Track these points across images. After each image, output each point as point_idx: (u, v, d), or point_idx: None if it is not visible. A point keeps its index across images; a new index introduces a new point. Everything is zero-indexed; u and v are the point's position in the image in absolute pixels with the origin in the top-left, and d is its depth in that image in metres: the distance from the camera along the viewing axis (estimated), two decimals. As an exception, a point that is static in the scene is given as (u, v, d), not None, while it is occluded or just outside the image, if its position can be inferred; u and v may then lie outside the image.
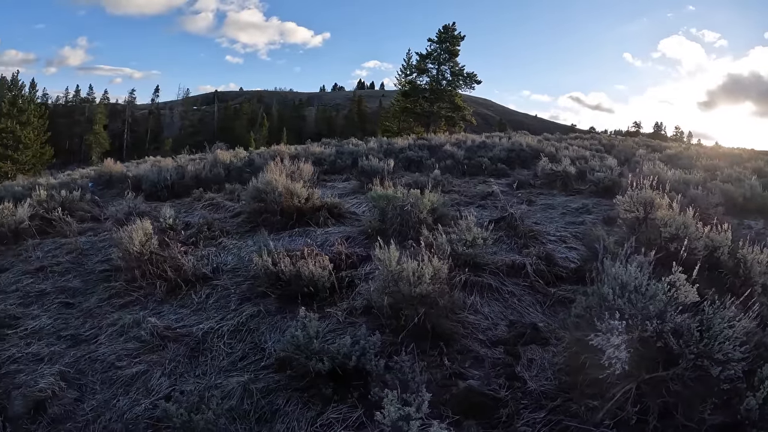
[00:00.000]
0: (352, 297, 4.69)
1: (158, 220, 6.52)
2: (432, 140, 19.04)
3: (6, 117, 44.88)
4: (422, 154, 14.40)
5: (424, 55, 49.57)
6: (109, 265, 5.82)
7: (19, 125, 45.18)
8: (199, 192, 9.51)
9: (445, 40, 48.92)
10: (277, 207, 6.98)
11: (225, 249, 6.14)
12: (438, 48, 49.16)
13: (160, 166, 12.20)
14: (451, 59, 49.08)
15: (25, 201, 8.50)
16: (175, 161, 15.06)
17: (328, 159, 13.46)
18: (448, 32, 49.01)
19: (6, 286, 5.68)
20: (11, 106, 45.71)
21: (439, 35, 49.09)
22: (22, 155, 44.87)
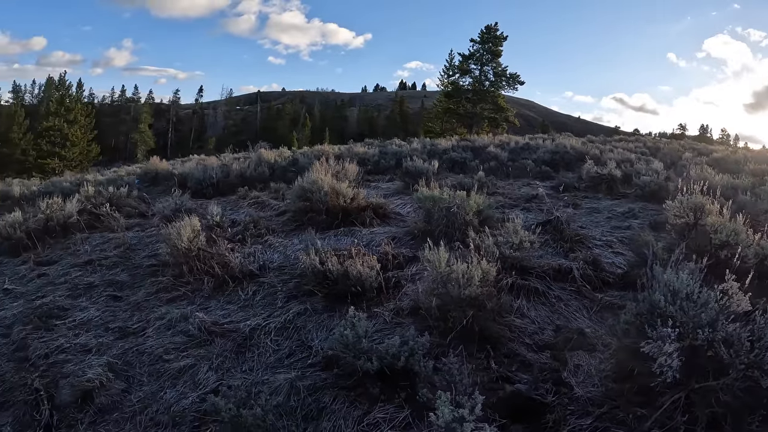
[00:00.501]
0: (398, 297, 4.70)
1: (205, 217, 6.65)
2: (475, 142, 19.01)
3: (54, 115, 46.73)
4: (466, 155, 14.40)
5: (466, 55, 49.56)
6: (156, 260, 5.98)
7: (67, 123, 46.94)
8: (245, 190, 9.67)
9: (487, 41, 48.80)
10: (322, 206, 7.04)
11: (271, 247, 6.22)
12: (481, 48, 49.06)
13: (206, 165, 12.45)
14: (493, 60, 48.92)
15: (74, 196, 8.78)
16: (220, 160, 15.35)
17: (372, 159, 13.51)
18: (491, 33, 48.85)
19: (55, 278, 5.88)
20: (59, 105, 47.54)
21: (481, 36, 48.96)
22: (69, 152, 46.60)
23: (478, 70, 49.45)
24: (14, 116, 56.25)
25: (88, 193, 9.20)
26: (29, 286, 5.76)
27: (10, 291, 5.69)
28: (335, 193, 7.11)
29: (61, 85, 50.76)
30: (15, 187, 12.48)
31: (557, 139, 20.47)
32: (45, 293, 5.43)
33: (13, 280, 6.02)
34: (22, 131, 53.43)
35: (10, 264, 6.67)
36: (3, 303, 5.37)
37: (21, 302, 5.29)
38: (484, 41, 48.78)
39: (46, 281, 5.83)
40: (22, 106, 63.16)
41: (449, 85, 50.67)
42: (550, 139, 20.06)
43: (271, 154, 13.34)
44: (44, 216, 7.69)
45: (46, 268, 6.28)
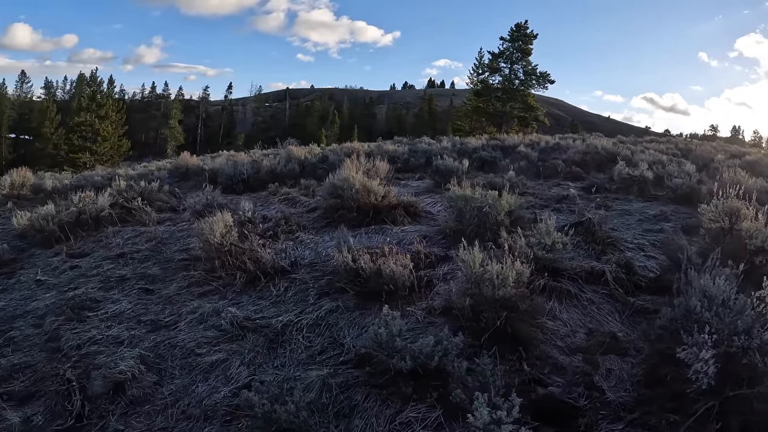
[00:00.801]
0: (430, 297, 4.68)
1: (237, 213, 6.69)
2: (505, 141, 18.87)
3: (85, 111, 47.77)
4: (495, 154, 14.28)
5: (496, 53, 48.96)
6: (187, 254, 6.03)
7: (98, 119, 47.91)
8: (275, 186, 9.72)
9: (517, 39, 48.15)
10: (353, 204, 7.03)
11: (302, 243, 6.24)
12: (510, 47, 48.45)
13: (236, 161, 12.56)
14: (523, 58, 48.27)
15: (105, 190, 8.93)
16: (250, 156, 15.50)
17: (402, 157, 13.47)
18: (521, 30, 48.23)
19: (87, 270, 5.97)
20: (90, 100, 48.56)
21: (511, 34, 48.40)
22: (101, 147, 47.54)
23: (508, 68, 48.88)
24: (46, 111, 57.70)
25: (120, 187, 9.33)
26: (61, 277, 5.87)
27: (43, 282, 5.80)
28: (366, 190, 7.10)
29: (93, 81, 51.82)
30: (47, 180, 12.71)
31: (587, 139, 20.12)
32: (77, 285, 5.53)
33: (46, 271, 6.13)
34: (53, 126, 54.74)
35: (43, 256, 6.79)
36: (35, 294, 5.48)
37: (53, 293, 5.39)
38: (514, 39, 48.20)
39: (78, 273, 5.92)
40: (53, 102, 64.76)
41: (479, 83, 50.21)
42: (580, 139, 19.71)
43: (301, 151, 13.41)
44: (77, 209, 7.81)
45: (78, 260, 6.38)
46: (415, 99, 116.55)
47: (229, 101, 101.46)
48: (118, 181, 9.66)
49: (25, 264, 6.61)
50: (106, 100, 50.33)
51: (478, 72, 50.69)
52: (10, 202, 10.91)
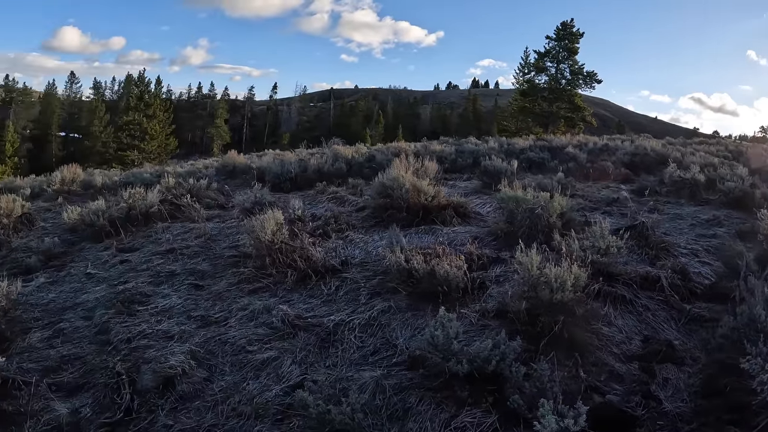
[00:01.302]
0: (483, 299, 4.60)
1: (286, 211, 6.71)
2: (552, 141, 18.63)
3: (134, 110, 49.21)
4: (543, 155, 14.14)
5: (542, 53, 48.64)
6: (237, 251, 6.07)
7: (146, 118, 49.21)
8: (323, 185, 9.75)
9: (563, 38, 47.73)
10: (403, 203, 6.99)
11: (352, 242, 6.21)
12: (556, 46, 48.05)
13: (283, 159, 12.67)
14: (570, 57, 47.88)
15: (155, 187, 9.08)
16: (296, 155, 15.60)
17: (449, 158, 13.41)
18: (567, 29, 47.77)
19: (137, 264, 6.06)
20: (138, 100, 50.02)
21: (557, 32, 47.92)
22: (148, 145, 48.85)
23: (554, 67, 48.44)
24: (95, 111, 59.68)
25: (169, 184, 9.48)
26: (111, 271, 5.96)
27: (93, 275, 5.91)
28: (416, 190, 7.05)
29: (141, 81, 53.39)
30: (97, 176, 13.05)
31: (636, 140, 19.75)
32: (127, 279, 5.60)
33: (96, 265, 6.24)
34: (102, 125, 56.53)
35: (93, 250, 6.94)
36: (86, 287, 5.57)
37: (103, 287, 5.47)
38: (560, 38, 47.71)
39: (128, 267, 6.01)
40: (102, 102, 66.78)
41: (525, 83, 49.87)
42: (628, 141, 19.41)
43: (348, 150, 13.44)
44: (126, 205, 7.96)
45: (128, 254, 6.49)
46: (459, 99, 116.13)
47: (274, 101, 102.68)
48: (167, 178, 9.83)
49: (76, 257, 6.75)
50: (153, 99, 51.60)
51: (524, 72, 50.49)
52: (61, 197, 11.23)
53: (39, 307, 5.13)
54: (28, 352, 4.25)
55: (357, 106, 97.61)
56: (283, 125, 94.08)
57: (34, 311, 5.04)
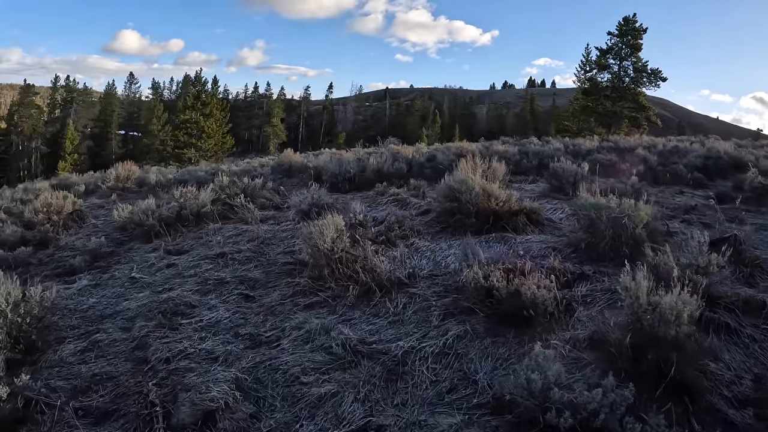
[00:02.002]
0: (572, 324, 3.95)
1: (346, 214, 6.18)
2: (619, 143, 18.20)
3: (191, 109, 50.01)
4: (611, 157, 13.71)
5: (604, 49, 47.00)
6: (292, 257, 5.55)
7: (203, 117, 49.92)
8: (383, 186, 9.17)
9: (626, 33, 46.01)
10: (472, 208, 6.38)
11: (418, 251, 5.62)
12: (619, 42, 46.36)
13: (340, 158, 12.14)
14: (633, 54, 46.08)
15: (208, 185, 8.72)
16: (354, 154, 15.10)
17: (513, 159, 12.75)
18: (629, 25, 46.05)
19: (184, 269, 5.61)
20: (195, 99, 50.76)
21: (619, 28, 46.22)
22: (205, 143, 49.46)
23: (617, 65, 46.69)
24: (153, 110, 61.15)
25: (223, 183, 9.11)
26: (157, 276, 5.54)
27: (137, 280, 5.49)
28: (486, 194, 6.45)
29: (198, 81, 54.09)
30: (151, 174, 12.84)
31: (706, 142, 18.80)
32: (172, 286, 5.16)
33: (142, 268, 5.85)
34: (160, 123, 57.78)
35: (141, 251, 6.60)
36: (128, 293, 5.17)
37: (147, 293, 5.05)
38: (623, 34, 45.94)
39: (174, 272, 5.58)
40: (160, 101, 68.51)
41: (586, 81, 48.19)
42: (698, 143, 18.74)
43: (408, 150, 12.86)
44: (178, 204, 7.61)
45: (176, 257, 6.08)
46: (515, 98, 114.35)
47: (329, 101, 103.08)
48: (221, 177, 9.48)
49: (123, 258, 6.44)
50: (210, 98, 52.20)
51: (586, 69, 48.94)
52: (114, 194, 11.08)
53: (77, 314, 4.76)
54: (59, 367, 3.83)
55: (413, 105, 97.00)
56: (338, 124, 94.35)
57: (72, 318, 4.67)
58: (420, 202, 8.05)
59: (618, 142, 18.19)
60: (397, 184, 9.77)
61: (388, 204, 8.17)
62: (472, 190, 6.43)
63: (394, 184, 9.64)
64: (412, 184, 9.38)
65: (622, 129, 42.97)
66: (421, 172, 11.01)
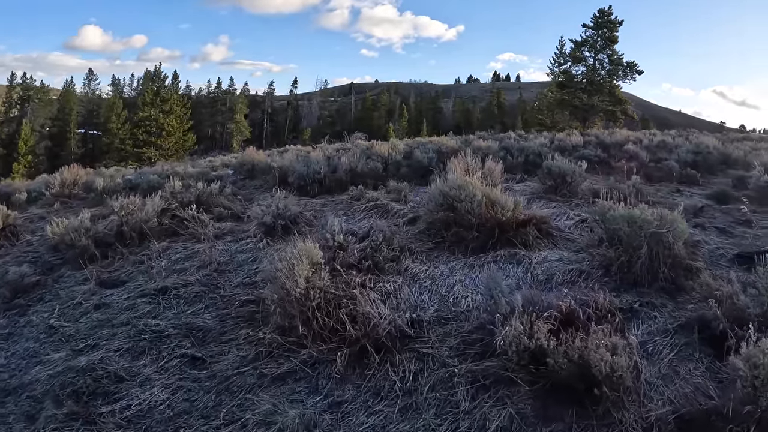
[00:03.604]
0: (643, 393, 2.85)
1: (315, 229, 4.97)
2: (600, 137, 17.39)
3: (149, 106, 48.28)
4: (599, 153, 12.94)
5: (579, 42, 46.35)
6: (253, 293, 4.23)
7: (162, 114, 48.20)
8: (358, 190, 7.87)
9: (601, 26, 45.44)
10: (473, 219, 5.20)
11: (414, 279, 4.40)
12: (594, 34, 45.78)
13: (308, 157, 10.77)
14: (608, 47, 45.51)
15: (157, 193, 7.41)
16: (323, 152, 13.78)
17: (496, 155, 11.57)
18: (604, 17, 45.49)
19: (116, 312, 4.30)
20: (155, 96, 48.88)
21: (595, 20, 45.66)
22: (165, 142, 47.71)
23: (593, 58, 46.00)
24: (113, 107, 58.60)
25: (174, 189, 7.77)
26: (81, 323, 4.24)
27: (56, 330, 4.19)
28: (490, 202, 5.25)
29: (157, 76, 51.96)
30: (98, 179, 11.32)
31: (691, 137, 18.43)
32: (98, 340, 3.86)
33: (65, 310, 4.56)
34: (120, 122, 55.42)
35: (71, 280, 5.31)
36: (43, 350, 3.91)
37: (64, 354, 3.76)
38: (598, 26, 45.39)
39: (103, 317, 4.26)
40: (120, 98, 66.07)
41: (561, 74, 47.42)
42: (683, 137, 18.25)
43: (383, 147, 11.58)
44: (118, 218, 6.27)
45: (110, 292, 4.78)
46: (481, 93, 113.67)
47: (294, 96, 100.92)
48: (173, 182, 8.10)
49: (48, 292, 5.12)
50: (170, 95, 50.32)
51: (560, 62, 48.08)
52: (58, 203, 9.68)
53: (-29, 385, 3.46)
54: None
55: (379, 100, 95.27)
56: (303, 120, 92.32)
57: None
58: (403, 208, 6.84)
59: (599, 137, 17.51)
60: (372, 185, 8.54)
61: (367, 211, 6.90)
62: (474, 198, 5.24)
63: (369, 186, 8.41)
64: (390, 186, 8.13)
65: (597, 123, 42.33)
66: (398, 172, 9.83)
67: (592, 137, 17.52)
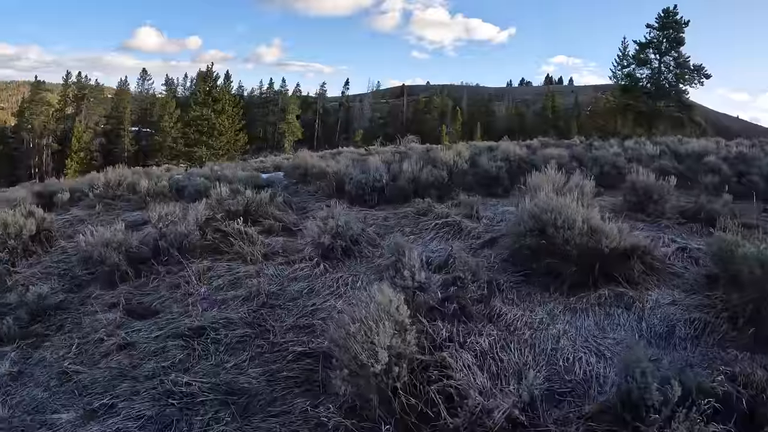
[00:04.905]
0: None
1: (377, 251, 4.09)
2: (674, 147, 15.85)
3: (201, 105, 48.39)
4: (676, 165, 11.79)
5: (643, 43, 43.75)
6: (309, 343, 3.39)
7: (214, 113, 48.24)
8: (426, 203, 6.93)
9: (666, 26, 42.76)
10: (572, 250, 4.23)
11: (510, 329, 3.51)
12: (659, 35, 43.14)
13: (368, 163, 9.91)
14: (674, 48, 42.76)
15: (202, 201, 6.74)
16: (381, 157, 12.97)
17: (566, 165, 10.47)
18: (670, 17, 42.79)
19: (141, 357, 3.54)
20: (206, 95, 49.03)
21: (660, 20, 43.03)
22: (216, 141, 47.76)
23: (657, 60, 43.56)
24: (166, 106, 59.46)
25: (221, 197, 7.03)
26: (100, 368, 3.52)
27: (70, 378, 3.49)
28: (590, 230, 4.31)
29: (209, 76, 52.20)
30: (143, 180, 10.73)
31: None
32: (115, 399, 3.12)
33: (85, 347, 3.88)
34: (172, 120, 55.97)
35: (98, 303, 4.66)
36: (50, 405, 3.30)
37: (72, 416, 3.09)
38: (663, 27, 42.81)
39: (126, 362, 3.51)
40: (173, 98, 67.07)
41: (625, 77, 44.96)
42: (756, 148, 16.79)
43: (448, 154, 10.62)
44: (155, 230, 5.58)
45: (138, 325, 4.05)
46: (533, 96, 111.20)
47: (346, 97, 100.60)
48: (219, 189, 7.37)
49: (71, 316, 4.49)
50: (222, 94, 50.44)
51: (623, 64, 45.51)
52: (100, 205, 9.13)
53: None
54: None
55: (431, 102, 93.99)
56: (355, 122, 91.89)
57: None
58: (476, 226, 5.92)
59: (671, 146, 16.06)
60: (436, 196, 7.65)
61: (437, 230, 5.99)
62: (573, 224, 4.30)
63: (433, 197, 7.51)
64: (461, 200, 7.18)
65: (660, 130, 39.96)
66: (463, 181, 8.89)
67: (662, 146, 16.26)
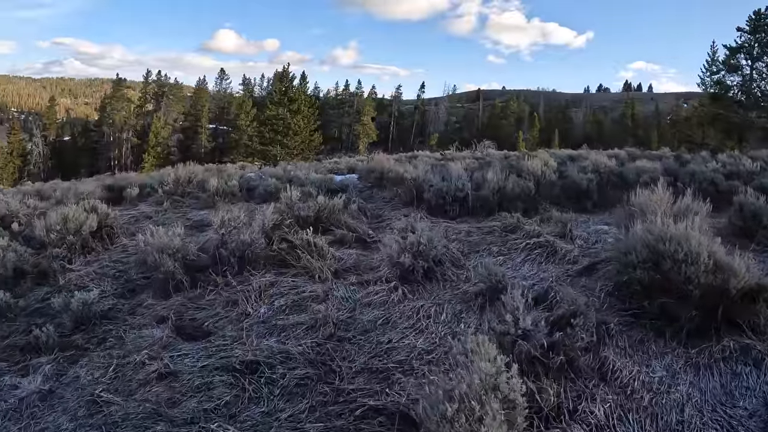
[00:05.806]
0: None
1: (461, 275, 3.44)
2: None
3: (277, 105, 49.02)
4: None
5: (734, 48, 39.49)
6: (383, 395, 2.78)
7: (290, 113, 48.75)
8: (514, 218, 6.21)
9: (758, 30, 38.58)
10: (693, 290, 3.40)
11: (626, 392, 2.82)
12: (751, 39, 38.93)
13: (449, 170, 9.23)
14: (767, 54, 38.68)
15: (270, 204, 6.32)
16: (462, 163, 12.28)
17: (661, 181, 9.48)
18: (762, 19, 38.53)
19: (182, 392, 3.04)
20: (282, 95, 49.67)
21: (751, 23, 38.79)
22: (291, 141, 48.23)
23: (749, 66, 39.42)
24: (242, 105, 60.89)
25: (291, 201, 6.54)
26: (135, 400, 3.06)
27: (100, 408, 3.04)
28: (714, 266, 3.49)
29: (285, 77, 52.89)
30: (212, 178, 10.45)
31: None
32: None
33: (123, 370, 3.43)
34: (249, 119, 57.13)
35: (147, 314, 4.31)
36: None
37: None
38: (755, 30, 38.61)
39: (165, 397, 3.03)
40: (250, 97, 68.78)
41: (714, 84, 41.19)
42: None
43: (536, 163, 9.82)
44: (217, 236, 5.11)
45: (185, 349, 3.60)
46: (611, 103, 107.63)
47: (421, 100, 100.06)
48: (289, 192, 6.88)
49: (115, 328, 4.13)
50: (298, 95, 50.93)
51: (712, 70, 41.86)
52: (168, 201, 8.91)
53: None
54: None
55: (508, 107, 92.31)
56: (430, 125, 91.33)
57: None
58: (571, 248, 5.16)
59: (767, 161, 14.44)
60: (522, 209, 6.91)
61: (528, 252, 5.25)
62: (697, 258, 3.51)
63: (519, 209, 6.77)
64: (554, 216, 6.43)
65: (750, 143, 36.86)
66: (550, 193, 8.21)
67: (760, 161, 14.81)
